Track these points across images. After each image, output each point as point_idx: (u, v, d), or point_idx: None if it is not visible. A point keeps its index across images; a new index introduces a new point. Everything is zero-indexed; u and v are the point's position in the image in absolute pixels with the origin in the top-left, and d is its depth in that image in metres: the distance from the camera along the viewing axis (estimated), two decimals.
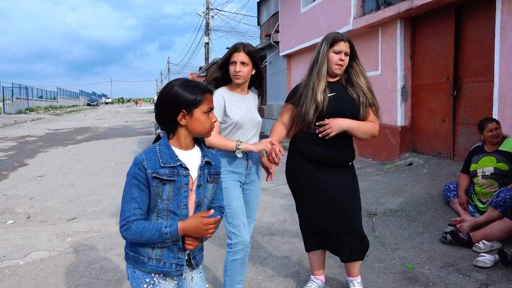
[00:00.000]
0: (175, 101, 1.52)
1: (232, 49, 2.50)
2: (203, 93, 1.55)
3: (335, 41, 2.48)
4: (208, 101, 1.57)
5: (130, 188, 1.51)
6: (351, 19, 7.67)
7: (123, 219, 1.50)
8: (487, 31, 5.15)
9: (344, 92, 2.54)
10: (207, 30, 28.92)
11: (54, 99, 44.71)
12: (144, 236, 1.48)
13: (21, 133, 16.56)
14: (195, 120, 1.55)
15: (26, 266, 3.46)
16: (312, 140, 2.53)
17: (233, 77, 2.50)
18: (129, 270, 1.62)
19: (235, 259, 2.50)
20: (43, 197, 5.93)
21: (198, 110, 1.54)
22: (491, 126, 3.94)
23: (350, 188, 2.59)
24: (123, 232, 1.51)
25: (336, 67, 2.49)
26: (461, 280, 2.93)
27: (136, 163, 1.51)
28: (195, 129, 1.57)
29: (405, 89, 6.67)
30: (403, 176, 5.56)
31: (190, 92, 1.53)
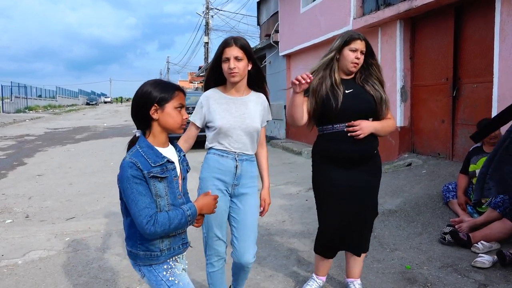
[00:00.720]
0: (147, 96, 1.61)
1: (222, 44, 2.25)
2: (174, 90, 1.65)
3: (352, 39, 2.48)
4: (179, 97, 1.66)
5: (135, 188, 1.54)
6: (351, 19, 7.67)
7: (145, 216, 1.52)
8: (486, 32, 5.15)
9: (361, 89, 2.54)
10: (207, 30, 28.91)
11: (53, 98, 44.64)
12: (173, 223, 1.56)
13: (20, 132, 16.53)
14: (166, 114, 1.63)
15: (24, 266, 3.46)
16: (334, 139, 2.51)
17: (228, 75, 2.24)
18: (144, 269, 1.67)
19: (212, 271, 2.39)
20: (42, 196, 5.92)
21: (169, 104, 1.63)
22: None
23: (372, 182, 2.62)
24: (151, 227, 1.52)
25: (352, 65, 2.50)
26: (459, 281, 2.94)
27: (131, 166, 1.55)
28: (167, 124, 1.64)
29: (405, 89, 6.68)
30: (402, 176, 5.56)
31: (161, 88, 1.63)
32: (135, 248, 1.65)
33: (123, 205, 1.65)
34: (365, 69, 2.58)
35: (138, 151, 1.60)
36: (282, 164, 8.11)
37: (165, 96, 1.62)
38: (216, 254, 2.36)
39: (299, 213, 4.70)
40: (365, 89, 2.55)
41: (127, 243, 1.69)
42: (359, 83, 2.58)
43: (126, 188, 1.55)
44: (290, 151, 9.83)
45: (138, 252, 1.64)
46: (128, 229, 1.66)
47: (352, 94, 2.51)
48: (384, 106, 2.56)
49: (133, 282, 3.08)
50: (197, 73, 29.43)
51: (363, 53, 2.51)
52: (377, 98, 2.53)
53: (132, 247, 1.66)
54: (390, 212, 4.40)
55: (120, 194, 1.63)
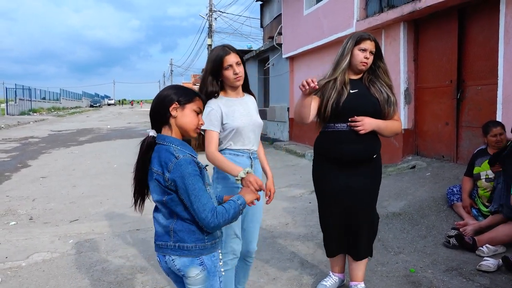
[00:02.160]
0: (169, 95, 1.69)
1: (221, 53, 2.33)
2: (195, 94, 1.74)
3: (361, 39, 2.53)
4: (199, 102, 1.74)
5: (197, 184, 1.59)
6: (354, 21, 7.67)
7: (209, 210, 1.58)
8: (491, 33, 5.13)
9: (366, 90, 2.57)
10: (210, 32, 28.97)
11: (57, 100, 44.84)
12: (230, 214, 1.64)
13: (24, 134, 16.60)
14: (185, 115, 1.69)
15: (28, 268, 3.46)
16: (335, 138, 2.55)
17: (233, 80, 2.35)
18: (207, 259, 1.68)
19: (226, 269, 2.39)
20: (46, 199, 5.93)
21: (189, 106, 1.70)
22: (495, 131, 3.90)
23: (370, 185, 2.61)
24: (215, 220, 1.59)
25: (361, 65, 2.54)
26: (464, 284, 2.92)
27: (190, 162, 1.60)
28: (184, 124, 1.69)
29: (408, 91, 6.66)
30: (406, 179, 5.54)
31: (183, 91, 1.72)
32: (202, 241, 1.66)
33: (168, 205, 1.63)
34: (373, 70, 2.62)
35: (176, 148, 1.63)
36: (285, 167, 8.09)
37: (186, 98, 1.70)
38: (233, 252, 2.42)
39: (302, 216, 4.69)
40: (370, 90, 2.57)
41: (186, 240, 1.64)
42: (366, 83, 2.60)
43: (189, 184, 1.57)
44: (293, 153, 9.81)
45: (206, 244, 1.67)
46: (187, 226, 1.64)
47: (356, 94, 2.55)
48: (391, 108, 2.57)
49: (136, 284, 3.08)
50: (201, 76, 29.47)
51: (372, 53, 2.55)
52: (382, 100, 2.55)
53: (196, 241, 1.65)
54: (394, 215, 4.38)
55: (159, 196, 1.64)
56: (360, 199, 2.58)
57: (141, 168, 1.69)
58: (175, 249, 1.66)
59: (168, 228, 1.67)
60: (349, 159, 2.55)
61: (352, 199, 2.58)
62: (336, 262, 2.87)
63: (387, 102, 2.55)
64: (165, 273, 1.80)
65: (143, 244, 3.94)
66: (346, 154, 2.53)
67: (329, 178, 2.62)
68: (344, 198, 2.59)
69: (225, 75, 2.35)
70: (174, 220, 1.67)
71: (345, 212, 2.60)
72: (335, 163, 2.59)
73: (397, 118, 2.65)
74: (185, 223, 1.65)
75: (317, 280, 3.03)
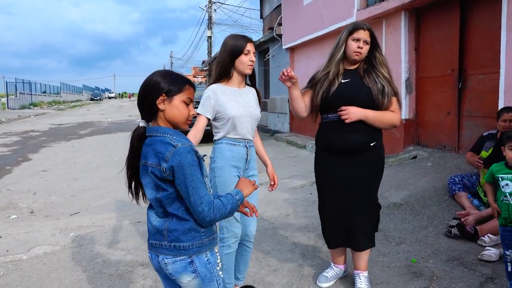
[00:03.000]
0: (156, 86, 1.56)
1: (245, 39, 2.43)
2: (184, 83, 1.60)
3: (355, 28, 2.51)
4: (188, 91, 1.61)
5: (196, 175, 1.50)
6: (355, 10, 7.59)
7: (206, 203, 1.49)
8: (493, 22, 5.07)
9: (359, 80, 2.54)
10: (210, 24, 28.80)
11: (57, 94, 44.80)
12: (227, 209, 1.55)
13: (24, 128, 16.60)
14: (174, 107, 1.57)
15: (29, 261, 3.46)
16: (331, 128, 2.56)
17: (245, 67, 2.43)
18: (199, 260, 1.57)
19: (228, 252, 2.50)
20: (47, 192, 5.94)
21: (178, 97, 1.58)
22: (506, 116, 3.81)
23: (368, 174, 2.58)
24: (210, 213, 1.50)
25: (354, 54, 2.51)
26: (466, 274, 2.91)
27: (189, 150, 1.50)
28: (173, 117, 1.58)
29: (410, 81, 6.61)
30: (407, 169, 5.52)
31: (171, 80, 1.58)
32: (199, 238, 1.56)
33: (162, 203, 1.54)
34: (369, 60, 2.58)
35: (173, 137, 1.53)
36: (286, 158, 8.07)
37: (174, 88, 1.57)
38: (234, 236, 2.49)
39: (303, 207, 4.68)
40: (364, 80, 2.54)
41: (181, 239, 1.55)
42: (360, 73, 2.57)
43: (187, 174, 1.47)
44: (294, 145, 9.79)
45: (203, 241, 1.57)
46: (182, 224, 1.55)
47: (348, 84, 2.54)
48: (385, 99, 2.52)
49: (137, 277, 3.08)
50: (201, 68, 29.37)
51: (367, 43, 2.51)
52: (375, 90, 2.50)
53: (193, 240, 1.55)
54: (395, 205, 4.36)
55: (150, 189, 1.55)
56: (356, 189, 2.56)
57: (133, 162, 1.61)
58: (171, 249, 1.56)
59: (162, 227, 1.57)
60: (341, 149, 2.54)
61: (348, 189, 2.57)
62: (337, 253, 2.87)
63: (381, 93, 2.50)
64: (155, 269, 1.70)
65: (144, 236, 3.93)
66: (338, 143, 2.53)
67: (326, 168, 2.63)
68: (340, 188, 2.58)
69: (241, 59, 2.41)
70: (168, 219, 1.57)
71: (342, 202, 2.60)
72: (331, 153, 2.59)
73: (394, 109, 2.58)
74: (180, 222, 1.55)
75: (318, 271, 3.03)
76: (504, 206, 2.46)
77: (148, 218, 1.65)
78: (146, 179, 1.57)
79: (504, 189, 2.45)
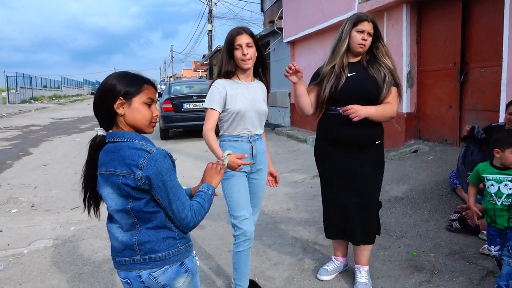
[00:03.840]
0: (112, 89, 1.43)
1: (234, 33, 2.38)
2: (142, 83, 1.47)
3: (359, 20, 2.47)
4: (148, 91, 1.48)
5: (175, 179, 1.42)
6: (356, 3, 7.53)
7: (189, 209, 1.44)
8: (495, 15, 5.02)
9: (364, 71, 2.52)
10: (210, 18, 28.67)
11: (58, 89, 44.74)
12: (205, 208, 1.50)
13: (25, 122, 16.60)
14: (134, 110, 1.44)
15: (30, 255, 3.47)
16: (336, 121, 2.52)
17: (241, 62, 2.37)
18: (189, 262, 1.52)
19: (239, 251, 2.47)
20: (47, 186, 5.94)
21: (137, 99, 1.44)
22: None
23: (371, 171, 2.57)
24: (194, 218, 1.44)
25: (358, 46, 2.48)
26: (467, 268, 2.90)
27: (165, 155, 1.41)
28: (135, 121, 1.45)
29: (411, 75, 6.57)
30: (408, 163, 5.50)
31: (127, 81, 1.45)
32: (175, 247, 1.47)
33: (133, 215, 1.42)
34: (371, 51, 2.55)
35: (142, 142, 1.42)
36: (286, 152, 8.06)
37: (131, 90, 1.43)
38: (244, 234, 2.44)
39: (304, 201, 4.67)
40: (368, 71, 2.52)
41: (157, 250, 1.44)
42: (363, 64, 2.55)
43: (167, 181, 1.38)
44: (295, 139, 9.77)
45: (180, 248, 1.48)
46: (156, 234, 1.44)
47: (354, 77, 2.51)
48: (387, 88, 2.50)
49: None
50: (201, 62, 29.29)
51: (370, 35, 2.49)
52: (380, 80, 2.49)
53: (169, 248, 1.46)
54: (396, 199, 4.35)
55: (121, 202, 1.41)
56: (360, 185, 2.55)
57: (90, 172, 1.50)
58: (146, 262, 1.44)
59: (131, 241, 1.44)
60: (350, 143, 2.52)
61: (352, 184, 2.56)
62: (338, 247, 2.87)
63: (383, 82, 2.49)
64: None
65: None
66: (347, 137, 2.51)
67: (330, 160, 2.62)
68: (343, 181, 2.58)
69: (234, 55, 2.37)
70: (136, 232, 1.44)
71: (343, 196, 2.60)
72: (337, 146, 2.57)
73: (391, 100, 2.54)
74: (152, 231, 1.44)
75: (319, 264, 3.02)
76: (490, 206, 2.44)
77: (112, 233, 1.51)
78: (107, 190, 1.43)
79: (489, 189, 2.44)
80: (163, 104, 10.48)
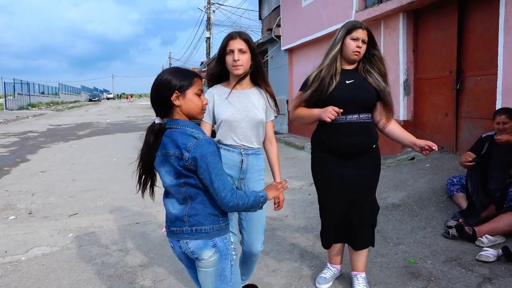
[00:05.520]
0: (167, 84, 1.64)
1: (227, 37, 2.28)
2: (192, 76, 1.69)
3: (353, 28, 2.48)
4: (198, 83, 1.70)
5: (218, 162, 1.62)
6: (353, 12, 7.61)
7: (230, 189, 1.60)
8: (490, 23, 5.09)
9: (363, 80, 2.54)
10: (209, 25, 28.82)
11: (56, 95, 44.72)
12: (250, 200, 1.65)
13: (23, 128, 16.57)
14: (188, 100, 1.67)
15: (27, 262, 3.46)
16: (334, 130, 2.52)
17: (232, 68, 2.25)
18: (219, 241, 1.69)
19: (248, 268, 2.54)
20: (45, 193, 5.93)
21: (190, 91, 1.67)
22: (499, 119, 3.80)
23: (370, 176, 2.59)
24: (233, 198, 1.61)
25: (353, 54, 2.49)
26: (464, 275, 2.92)
27: (210, 142, 1.62)
28: (189, 109, 1.69)
29: (408, 82, 6.63)
30: (405, 170, 5.53)
31: (181, 76, 1.67)
32: (217, 223, 1.68)
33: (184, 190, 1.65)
34: (368, 59, 2.57)
35: (188, 130, 1.64)
36: (284, 159, 8.08)
37: (185, 83, 1.66)
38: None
39: (302, 208, 4.69)
40: (368, 80, 2.54)
41: (203, 223, 1.66)
42: (362, 73, 2.56)
43: (210, 162, 1.58)
44: (293, 146, 9.80)
45: (221, 225, 1.69)
46: (203, 208, 1.66)
47: (353, 85, 2.51)
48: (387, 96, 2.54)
49: (136, 277, 3.08)
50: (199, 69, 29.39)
51: (365, 42, 2.51)
52: (380, 89, 2.51)
53: (213, 223, 1.67)
54: (393, 206, 4.37)
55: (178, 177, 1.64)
56: (361, 190, 2.57)
57: (146, 156, 1.69)
58: (192, 233, 1.67)
59: (182, 213, 1.67)
60: (348, 150, 2.53)
61: (353, 190, 2.56)
62: (334, 253, 2.87)
63: (384, 90, 2.52)
64: (178, 259, 1.81)
65: (142, 237, 3.93)
66: (341, 145, 2.52)
67: (329, 168, 2.61)
68: (345, 189, 2.57)
69: (226, 60, 2.27)
70: (188, 205, 1.67)
71: (346, 203, 2.59)
72: (334, 154, 2.57)
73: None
74: (200, 206, 1.66)
75: (317, 271, 3.03)
76: None
77: (167, 207, 1.74)
78: (166, 167, 1.67)
79: None
80: None
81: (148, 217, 4.51)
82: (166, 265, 3.27)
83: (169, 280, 3.02)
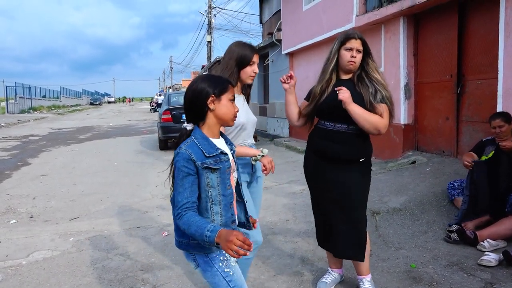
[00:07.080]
0: (204, 89, 1.68)
1: (252, 50, 2.46)
2: (227, 83, 1.74)
3: (347, 38, 2.52)
4: (232, 90, 1.74)
5: (181, 180, 1.61)
6: (354, 16, 7.63)
7: (177, 208, 1.59)
8: (491, 27, 5.10)
9: (352, 87, 2.55)
10: (210, 29, 28.90)
11: (57, 99, 44.81)
12: (190, 230, 1.55)
13: (24, 132, 16.60)
14: (223, 105, 1.70)
15: (28, 266, 3.46)
16: (322, 134, 2.61)
17: (247, 77, 2.48)
18: (199, 259, 1.71)
19: (248, 258, 2.49)
20: (46, 197, 5.93)
21: (225, 96, 1.71)
22: (494, 123, 3.83)
23: (355, 186, 2.57)
24: (178, 218, 1.59)
25: (349, 64, 2.53)
26: (465, 279, 2.91)
27: (184, 157, 1.61)
28: (223, 114, 1.71)
29: (408, 86, 6.63)
30: (406, 174, 5.53)
31: (216, 81, 1.71)
32: (186, 237, 1.68)
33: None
34: (362, 67, 2.60)
35: (194, 142, 1.66)
36: (285, 163, 8.08)
37: (221, 88, 1.69)
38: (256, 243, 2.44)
39: (303, 212, 4.68)
40: (356, 87, 2.56)
41: (176, 233, 1.73)
42: (354, 80, 2.60)
43: (176, 176, 1.62)
44: (294, 150, 9.80)
45: (189, 241, 1.68)
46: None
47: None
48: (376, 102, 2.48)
49: (137, 282, 3.08)
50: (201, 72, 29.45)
51: (360, 52, 2.53)
52: (367, 95, 2.50)
53: (183, 236, 1.69)
54: (394, 210, 4.37)
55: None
56: (341, 197, 2.56)
57: None
58: (178, 244, 1.74)
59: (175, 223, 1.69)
60: (333, 157, 2.56)
61: (333, 196, 2.58)
62: (332, 258, 2.89)
63: (374, 96, 2.49)
64: None
65: (143, 241, 3.93)
66: (327, 151, 2.57)
67: (316, 171, 2.67)
68: (327, 192, 2.61)
69: (246, 70, 2.45)
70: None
71: (326, 207, 2.64)
72: (322, 158, 2.62)
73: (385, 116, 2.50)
74: None
75: (318, 276, 3.03)
76: None
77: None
78: None
79: None
80: (162, 114, 10.52)
81: (149, 222, 4.51)
82: (167, 270, 3.27)
83: (170, 285, 3.02)
